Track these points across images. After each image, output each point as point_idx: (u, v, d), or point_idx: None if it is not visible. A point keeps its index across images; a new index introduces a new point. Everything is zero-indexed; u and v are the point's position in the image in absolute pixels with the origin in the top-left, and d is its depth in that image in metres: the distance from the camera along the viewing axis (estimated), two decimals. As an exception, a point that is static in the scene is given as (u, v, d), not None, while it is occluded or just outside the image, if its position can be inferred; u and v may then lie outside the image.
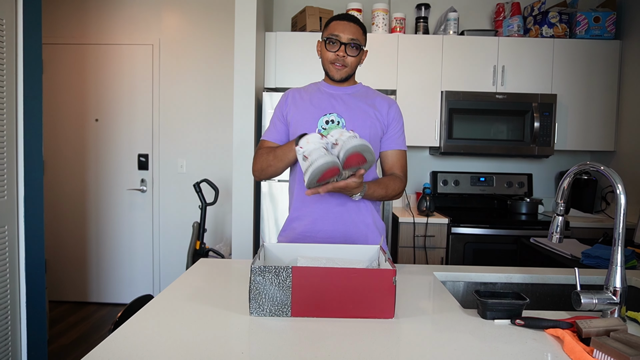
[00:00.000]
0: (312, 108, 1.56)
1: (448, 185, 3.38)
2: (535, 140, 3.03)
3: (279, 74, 3.16)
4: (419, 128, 3.13)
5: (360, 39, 1.52)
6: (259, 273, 1.02)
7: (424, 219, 2.87)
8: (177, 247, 3.72)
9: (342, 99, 1.57)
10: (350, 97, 1.58)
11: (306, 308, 1.03)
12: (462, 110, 3.06)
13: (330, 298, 1.03)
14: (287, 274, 1.02)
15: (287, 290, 1.02)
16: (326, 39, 1.52)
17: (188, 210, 3.70)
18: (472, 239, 2.84)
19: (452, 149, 3.08)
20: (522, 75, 3.13)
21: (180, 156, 3.72)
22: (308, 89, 1.64)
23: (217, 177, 3.61)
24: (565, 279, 1.47)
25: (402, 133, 1.61)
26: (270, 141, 1.60)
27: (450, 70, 3.14)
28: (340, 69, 1.54)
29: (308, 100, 1.58)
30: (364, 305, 1.03)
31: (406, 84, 3.14)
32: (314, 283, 1.02)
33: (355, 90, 1.61)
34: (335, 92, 1.59)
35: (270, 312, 1.03)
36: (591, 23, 3.11)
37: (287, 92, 1.65)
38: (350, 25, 1.51)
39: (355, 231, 1.53)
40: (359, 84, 1.65)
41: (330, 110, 1.54)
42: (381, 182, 1.50)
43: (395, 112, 1.60)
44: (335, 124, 1.52)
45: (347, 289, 1.02)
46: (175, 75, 3.69)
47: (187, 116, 3.70)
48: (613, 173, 1.09)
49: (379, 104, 1.59)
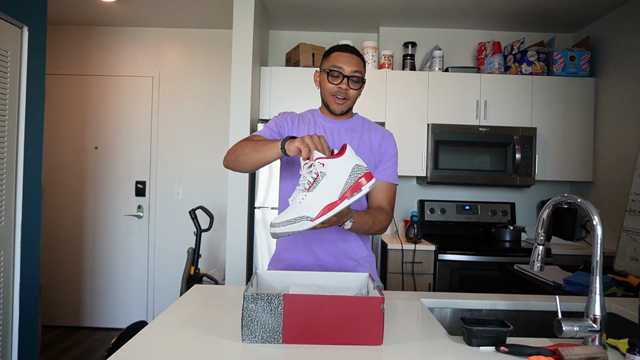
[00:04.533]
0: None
1: (435, 213, 3.39)
2: (517, 171, 3.07)
3: (273, 106, 3.19)
4: (406, 158, 3.15)
5: (362, 71, 1.46)
6: (251, 300, 1.02)
7: (412, 245, 2.87)
8: (171, 272, 3.67)
9: (339, 134, 1.51)
10: (347, 133, 1.52)
11: (297, 335, 1.02)
12: (447, 142, 3.10)
13: (320, 325, 1.02)
14: (279, 301, 1.01)
15: (278, 317, 1.01)
16: (328, 71, 1.45)
17: (183, 236, 3.67)
18: (459, 266, 2.84)
19: (438, 178, 3.10)
20: (504, 110, 3.19)
21: (177, 183, 3.71)
22: (304, 118, 1.55)
23: (212, 204, 3.59)
24: (548, 306, 1.47)
25: (392, 165, 1.54)
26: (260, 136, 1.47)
27: (436, 104, 3.20)
28: (341, 102, 1.47)
29: (306, 132, 1.51)
30: (353, 332, 1.02)
31: (394, 117, 3.19)
32: (305, 310, 1.01)
33: (352, 124, 1.54)
34: (332, 126, 1.52)
35: (262, 339, 1.02)
36: (567, 62, 3.21)
37: (285, 113, 1.56)
38: (352, 58, 1.45)
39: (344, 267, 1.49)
40: (355, 115, 1.58)
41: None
42: (368, 213, 1.40)
43: (388, 144, 1.53)
44: None
45: (337, 316, 1.02)
46: (173, 106, 3.71)
47: (184, 145, 3.71)
48: (589, 205, 1.11)
49: (374, 137, 1.53)
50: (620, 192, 2.93)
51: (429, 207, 3.40)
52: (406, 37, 3.51)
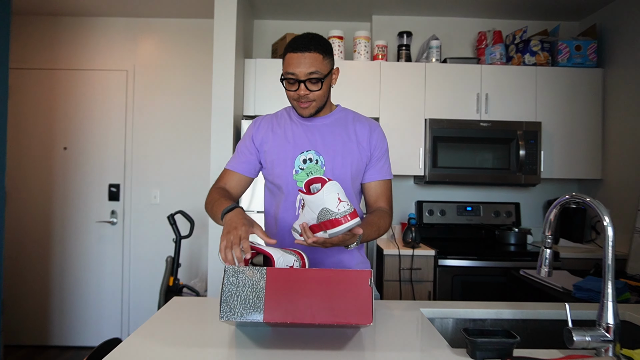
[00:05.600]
0: (287, 145, 1.50)
1: (434, 215, 3.39)
2: (522, 169, 3.08)
3: (258, 101, 3.18)
4: (403, 157, 3.16)
5: (321, 67, 1.40)
6: (232, 274, 1.03)
7: (410, 250, 2.87)
8: (148, 283, 3.63)
9: (320, 131, 1.51)
10: (328, 129, 1.52)
11: (279, 311, 1.02)
12: (446, 138, 3.11)
13: (304, 301, 1.03)
14: (261, 275, 1.04)
15: (260, 291, 1.03)
16: (283, 79, 1.43)
17: (161, 244, 3.63)
18: (460, 272, 2.84)
19: (437, 177, 3.11)
20: (506, 103, 3.21)
21: (154, 186, 3.68)
22: (280, 119, 1.56)
23: (193, 208, 3.56)
24: (557, 314, 1.47)
25: (385, 160, 1.56)
26: (233, 171, 1.55)
27: (434, 98, 3.20)
28: (306, 106, 1.45)
29: (282, 135, 1.52)
30: (340, 309, 1.02)
31: (389, 112, 3.19)
32: (289, 285, 1.03)
33: (334, 118, 1.55)
34: (311, 124, 1.52)
35: (241, 315, 1.02)
36: (573, 51, 3.23)
37: (258, 120, 1.58)
38: (304, 57, 1.39)
39: None
40: (336, 108, 1.58)
41: (307, 147, 1.49)
42: (372, 224, 1.42)
43: (378, 137, 1.54)
44: (313, 162, 1.48)
45: (322, 292, 1.03)
46: (150, 102, 3.68)
47: (162, 144, 3.68)
48: (599, 205, 1.11)
49: (360, 131, 1.53)
50: (631, 190, 2.96)
51: (427, 209, 3.40)
52: (401, 26, 3.51)
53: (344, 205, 1.18)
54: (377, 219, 1.46)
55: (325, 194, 1.18)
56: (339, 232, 1.18)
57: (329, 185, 1.19)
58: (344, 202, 1.18)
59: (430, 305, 1.48)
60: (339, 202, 1.18)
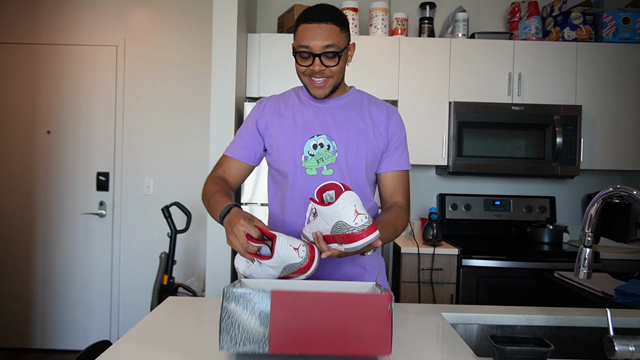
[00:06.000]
0: (296, 128, 1.51)
1: (458, 210, 3.39)
2: (558, 159, 3.06)
3: (263, 81, 3.18)
4: (424, 144, 3.14)
5: (338, 41, 1.41)
6: (232, 298, 1.01)
7: (431, 249, 2.86)
8: (140, 282, 3.67)
9: (332, 114, 1.52)
10: (341, 111, 1.53)
11: (287, 341, 1.01)
12: (473, 123, 3.09)
13: (315, 329, 1.01)
14: (266, 299, 1.02)
15: (265, 319, 1.01)
16: (295, 53, 1.44)
17: (154, 239, 3.66)
18: (487, 273, 2.84)
19: (462, 168, 3.10)
20: (542, 84, 3.17)
21: (147, 175, 3.70)
22: (288, 100, 1.57)
23: (190, 199, 3.57)
24: (596, 321, 1.46)
25: (404, 149, 1.58)
26: (232, 158, 1.56)
27: (460, 78, 3.18)
28: (321, 85, 1.45)
29: (290, 117, 1.52)
30: (355, 338, 1.01)
31: (409, 94, 3.17)
32: (297, 311, 1.01)
33: (347, 100, 1.56)
34: (322, 105, 1.53)
35: (244, 346, 1.01)
36: (619, 24, 3.18)
37: (263, 101, 1.59)
38: (320, 29, 1.39)
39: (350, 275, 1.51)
40: (350, 89, 1.59)
41: (318, 131, 1.49)
42: (389, 224, 1.42)
43: (396, 124, 1.55)
44: (324, 148, 1.48)
45: (335, 318, 1.01)
46: (142, 82, 3.69)
47: (156, 129, 3.69)
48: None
49: (377, 115, 1.54)
50: (682, 183, 2.92)
51: (450, 203, 3.40)
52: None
53: (361, 218, 1.17)
54: (393, 218, 1.46)
55: (340, 206, 1.17)
56: (357, 247, 1.18)
57: (345, 196, 1.18)
58: (361, 214, 1.17)
59: (452, 310, 1.48)
60: (356, 215, 1.17)
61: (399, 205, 1.53)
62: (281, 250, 1.20)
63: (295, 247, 1.20)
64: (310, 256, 1.23)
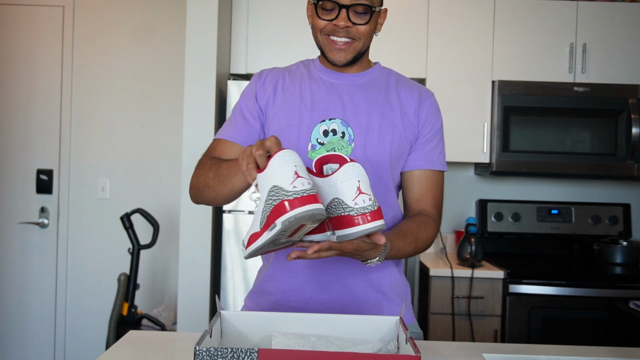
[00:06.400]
0: (303, 108, 1.49)
1: (503, 220, 3.38)
2: (634, 155, 3.05)
3: (252, 54, 3.17)
4: (459, 136, 3.12)
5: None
6: (206, 358, 1.00)
7: (468, 271, 2.86)
8: (93, 310, 3.66)
9: (350, 93, 1.51)
10: (362, 91, 1.52)
11: None
12: (523, 109, 3.08)
13: None
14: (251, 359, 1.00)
15: None
16: (316, 2, 1.43)
17: (111, 256, 3.65)
18: (541, 303, 2.83)
19: (508, 166, 3.09)
20: (613, 59, 3.17)
21: (102, 174, 3.69)
22: (295, 74, 1.57)
23: (158, 206, 3.57)
24: (684, 366, 1.45)
25: (438, 143, 1.55)
26: (229, 142, 1.52)
27: (506, 51, 3.17)
28: (343, 47, 1.44)
29: (297, 94, 1.52)
30: None
31: (440, 71, 3.16)
32: None
33: (370, 78, 1.55)
34: (339, 82, 1.53)
35: None
36: None
37: (264, 72, 1.58)
38: None
39: (364, 300, 1.49)
40: (375, 65, 1.59)
41: (331, 114, 1.48)
42: (408, 233, 1.40)
43: (429, 110, 1.54)
44: (338, 136, 1.46)
45: None
46: (97, 54, 3.68)
47: (114, 115, 3.69)
48: None
49: (406, 98, 1.53)
50: None
51: (494, 211, 3.39)
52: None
53: (364, 199, 1.14)
54: (415, 227, 1.44)
55: (341, 178, 1.14)
56: (352, 235, 1.14)
57: (348, 167, 1.15)
58: (365, 194, 1.14)
59: (497, 350, 1.47)
60: (357, 194, 1.14)
61: (425, 213, 1.51)
62: (276, 163, 1.09)
63: (296, 172, 1.09)
64: (307, 197, 1.09)
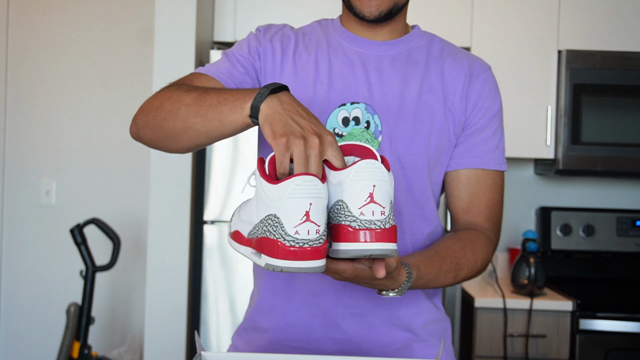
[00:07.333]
0: (318, 85, 1.47)
1: (572, 234, 3.39)
2: None
3: (242, 16, 3.21)
4: (514, 125, 3.09)
5: None
6: None
7: (526, 301, 2.87)
8: (32, 353, 3.69)
9: (379, 68, 1.48)
10: (395, 66, 1.49)
11: None
12: (598, 88, 3.11)
13: None
14: None
15: None
16: None
17: (58, 280, 3.68)
18: (622, 343, 2.85)
19: (579, 163, 3.11)
20: None
21: (47, 173, 3.72)
22: (310, 38, 1.55)
23: (118, 215, 3.59)
24: None
25: (494, 134, 1.51)
26: (213, 78, 1.43)
27: (574, 14, 3.18)
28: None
29: (312, 65, 1.50)
30: None
31: (488, 39, 3.20)
32: None
33: (407, 47, 1.52)
34: (365, 52, 1.50)
35: None
36: None
37: (271, 28, 1.56)
38: None
39: (388, 342, 1.47)
40: (414, 29, 1.57)
41: (353, 97, 1.45)
42: (446, 257, 1.36)
43: (482, 89, 1.50)
44: (361, 126, 1.44)
45: None
46: (40, 13, 3.72)
47: (62, 100, 3.72)
48: None
49: (451, 75, 1.50)
50: None
51: (560, 223, 3.40)
52: None
53: (374, 210, 1.10)
54: (458, 248, 1.40)
55: (352, 176, 1.11)
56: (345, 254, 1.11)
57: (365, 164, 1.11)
58: (377, 205, 1.10)
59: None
60: (368, 201, 1.10)
61: (475, 228, 1.47)
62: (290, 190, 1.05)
63: (307, 214, 1.05)
64: (306, 252, 1.07)
